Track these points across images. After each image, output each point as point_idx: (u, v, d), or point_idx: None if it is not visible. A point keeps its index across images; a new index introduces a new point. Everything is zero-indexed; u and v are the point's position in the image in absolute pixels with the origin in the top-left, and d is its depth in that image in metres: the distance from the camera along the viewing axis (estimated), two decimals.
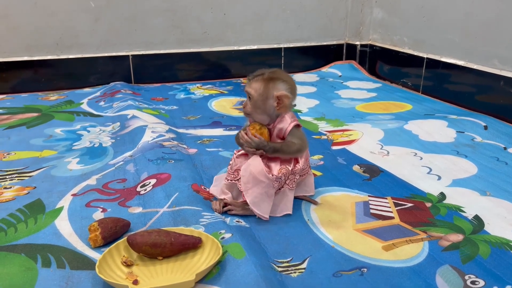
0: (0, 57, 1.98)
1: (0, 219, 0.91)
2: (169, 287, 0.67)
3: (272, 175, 0.89)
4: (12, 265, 0.77)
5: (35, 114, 1.66)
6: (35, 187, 1.06)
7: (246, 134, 0.91)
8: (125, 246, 0.77)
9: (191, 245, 0.77)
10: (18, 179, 1.11)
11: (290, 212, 0.94)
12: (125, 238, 0.77)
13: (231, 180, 0.95)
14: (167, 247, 0.75)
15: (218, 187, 1.01)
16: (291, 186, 0.94)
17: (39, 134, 1.43)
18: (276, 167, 0.91)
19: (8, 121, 1.57)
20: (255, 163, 0.89)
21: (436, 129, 1.46)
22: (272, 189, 0.90)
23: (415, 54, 2.00)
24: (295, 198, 0.97)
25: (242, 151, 0.95)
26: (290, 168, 0.92)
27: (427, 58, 1.92)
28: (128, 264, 0.74)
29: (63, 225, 0.89)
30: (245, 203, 0.92)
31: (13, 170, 1.16)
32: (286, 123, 0.92)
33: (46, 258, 0.78)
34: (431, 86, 1.91)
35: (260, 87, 0.91)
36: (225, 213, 0.93)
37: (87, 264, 0.77)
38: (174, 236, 0.76)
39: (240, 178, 0.91)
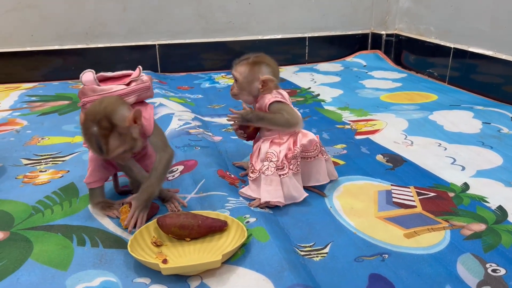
0: (33, 46, 2.05)
1: (37, 201, 0.96)
2: (197, 266, 0.71)
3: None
4: (50, 243, 0.81)
5: (66, 102, 1.72)
6: (69, 171, 1.11)
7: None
8: (154, 228, 0.81)
9: (217, 227, 0.80)
10: (52, 163, 1.16)
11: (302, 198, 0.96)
12: (155, 219, 0.80)
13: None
14: (194, 229, 0.78)
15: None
16: (295, 170, 0.95)
17: (70, 121, 1.49)
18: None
19: (41, 108, 1.64)
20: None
21: (461, 119, 1.45)
22: (265, 177, 0.92)
23: (442, 43, 1.97)
24: (304, 188, 0.97)
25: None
26: (278, 150, 0.94)
27: (454, 48, 1.90)
28: (157, 245, 0.78)
29: (96, 209, 0.93)
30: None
31: (47, 155, 1.21)
32: (265, 100, 0.97)
33: (81, 237, 0.83)
34: (458, 77, 1.89)
35: (245, 70, 0.98)
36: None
37: (119, 243, 0.81)
38: (201, 219, 0.80)
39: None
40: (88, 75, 0.87)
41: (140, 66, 0.91)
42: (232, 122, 1.01)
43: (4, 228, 0.86)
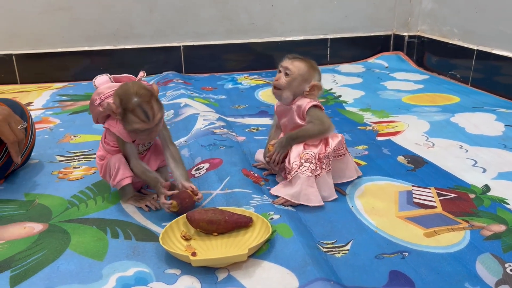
0: (63, 47, 2.13)
1: (72, 195, 1.02)
2: (224, 259, 0.75)
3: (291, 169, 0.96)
4: (86, 235, 0.87)
5: None
6: None
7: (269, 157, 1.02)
8: (184, 222, 0.85)
9: (243, 223, 0.84)
10: (84, 160, 1.22)
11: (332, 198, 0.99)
12: (184, 214, 0.85)
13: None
14: (221, 224, 0.82)
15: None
16: (327, 169, 0.98)
17: None
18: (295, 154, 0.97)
19: (72, 107, 1.71)
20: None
21: (483, 122, 1.46)
22: (306, 179, 0.95)
23: (465, 45, 1.97)
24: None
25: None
26: (315, 152, 0.96)
27: (477, 49, 1.89)
28: (186, 238, 0.82)
29: (127, 204, 0.98)
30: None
31: (79, 152, 1.27)
32: (305, 102, 0.99)
33: (114, 230, 0.88)
34: (481, 79, 1.89)
35: (304, 67, 0.99)
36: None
37: (150, 236, 0.86)
38: (228, 215, 0.83)
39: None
40: (101, 78, 0.95)
41: (143, 71, 0.96)
42: (274, 157, 1.01)
43: (43, 220, 0.92)
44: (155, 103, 0.87)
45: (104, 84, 0.93)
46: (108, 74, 0.96)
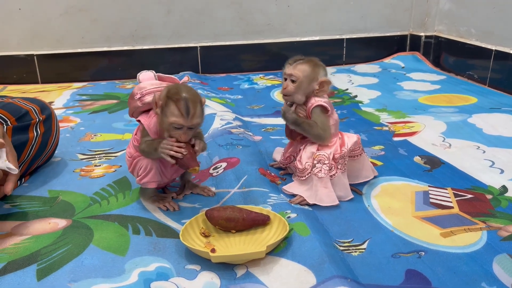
0: (83, 48, 2.17)
1: (94, 192, 1.05)
2: (243, 255, 0.76)
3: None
4: (108, 231, 0.89)
5: (115, 101, 1.82)
6: (121, 166, 1.19)
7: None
8: (203, 219, 0.87)
9: (261, 221, 0.86)
10: (105, 158, 1.25)
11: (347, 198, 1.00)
12: (203, 212, 0.87)
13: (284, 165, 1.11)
14: (239, 222, 0.84)
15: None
16: (343, 169, 0.99)
17: (119, 119, 1.58)
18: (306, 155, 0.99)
19: (92, 107, 1.74)
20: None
21: (501, 123, 1.45)
22: (319, 180, 0.96)
23: (483, 46, 1.96)
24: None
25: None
26: (328, 153, 0.97)
27: (495, 50, 1.88)
28: (206, 235, 0.84)
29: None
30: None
31: (100, 150, 1.31)
32: (311, 102, 1.00)
33: (136, 227, 0.90)
34: (499, 79, 1.87)
35: (307, 69, 0.99)
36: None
37: (171, 233, 0.88)
38: (246, 213, 0.85)
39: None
40: (146, 73, 0.96)
41: (188, 76, 0.97)
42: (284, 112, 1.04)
43: (67, 216, 0.95)
44: (199, 108, 0.87)
45: (148, 80, 0.94)
46: (153, 71, 0.96)
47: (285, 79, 1.02)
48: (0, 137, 0.86)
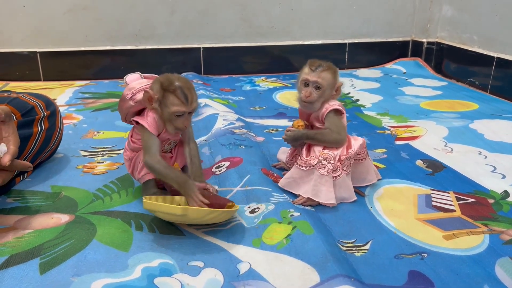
0: (86, 46, 2.18)
1: (97, 189, 1.05)
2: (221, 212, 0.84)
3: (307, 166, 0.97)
4: (111, 227, 0.89)
5: (117, 100, 1.81)
6: (123, 163, 1.19)
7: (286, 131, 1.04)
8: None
9: (222, 203, 0.88)
10: (108, 156, 1.25)
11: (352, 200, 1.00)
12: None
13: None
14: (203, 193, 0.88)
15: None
16: (348, 171, 0.99)
17: None
18: (317, 151, 0.98)
19: (94, 105, 1.74)
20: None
21: (503, 129, 1.46)
22: (320, 176, 0.96)
23: (485, 53, 1.97)
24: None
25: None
26: (335, 153, 0.97)
27: (497, 57, 1.89)
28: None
29: None
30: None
31: (103, 148, 1.31)
32: (324, 106, 1.01)
33: (138, 223, 0.90)
34: (500, 86, 1.88)
35: (331, 77, 1.00)
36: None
37: (174, 230, 0.88)
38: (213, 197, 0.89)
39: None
40: (133, 75, 0.98)
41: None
42: (286, 139, 1.05)
43: (69, 212, 0.95)
44: (194, 92, 0.91)
45: (135, 80, 0.96)
46: (139, 72, 0.98)
47: (306, 84, 1.00)
48: (6, 119, 0.87)
